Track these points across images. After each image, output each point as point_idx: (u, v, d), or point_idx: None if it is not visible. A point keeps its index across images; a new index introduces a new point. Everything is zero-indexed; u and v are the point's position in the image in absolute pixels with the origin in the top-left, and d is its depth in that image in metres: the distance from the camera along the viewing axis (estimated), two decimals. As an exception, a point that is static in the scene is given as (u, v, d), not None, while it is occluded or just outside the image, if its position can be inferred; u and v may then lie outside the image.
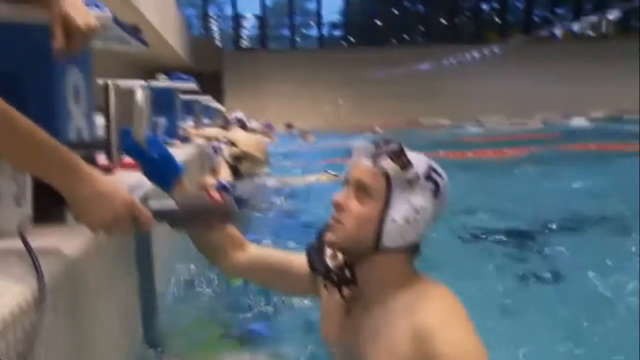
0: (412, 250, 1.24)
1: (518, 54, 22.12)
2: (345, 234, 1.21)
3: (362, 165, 1.22)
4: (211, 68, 19.86)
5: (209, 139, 4.82)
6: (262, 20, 25.10)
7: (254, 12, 25.23)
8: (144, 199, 1.07)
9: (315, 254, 1.30)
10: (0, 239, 1.02)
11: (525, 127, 15.98)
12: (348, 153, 1.28)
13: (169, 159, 1.39)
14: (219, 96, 18.62)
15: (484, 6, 28.71)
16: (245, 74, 21.08)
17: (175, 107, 4.02)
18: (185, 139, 4.26)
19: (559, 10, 28.04)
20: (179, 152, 3.56)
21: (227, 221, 1.22)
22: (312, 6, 26.67)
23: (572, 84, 22.25)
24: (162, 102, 3.69)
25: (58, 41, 1.11)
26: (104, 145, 1.38)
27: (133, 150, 1.34)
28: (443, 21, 27.83)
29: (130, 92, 1.26)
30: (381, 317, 1.21)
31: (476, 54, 16.26)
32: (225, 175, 4.12)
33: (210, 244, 1.41)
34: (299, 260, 1.40)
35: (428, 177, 1.21)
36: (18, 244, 0.97)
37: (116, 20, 1.40)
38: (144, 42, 1.65)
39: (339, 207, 1.22)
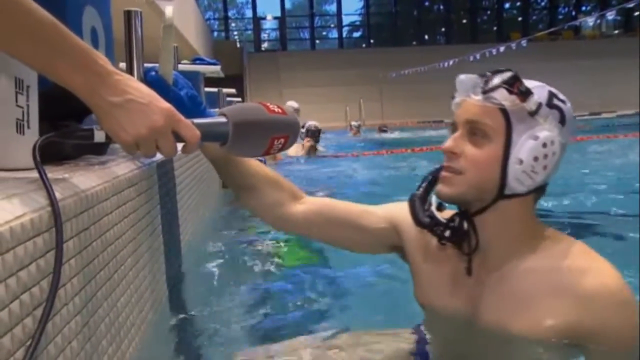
0: (540, 191, 1.07)
1: (542, 51, 21.77)
2: (464, 184, 1.03)
3: (472, 103, 1.03)
4: (232, 71, 19.85)
5: None
6: (281, 21, 25.09)
7: (274, 14, 25.25)
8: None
9: (420, 205, 1.11)
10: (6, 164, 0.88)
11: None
12: (452, 93, 1.09)
13: (196, 100, 1.24)
14: (241, 98, 18.62)
15: (506, 5, 28.33)
16: (266, 76, 21.05)
17: (200, 91, 3.88)
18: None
19: (583, 8, 27.53)
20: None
21: (290, 137, 0.96)
22: (331, 8, 26.62)
23: (599, 82, 21.80)
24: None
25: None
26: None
27: (158, 87, 1.19)
28: (464, 21, 27.53)
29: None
30: (520, 281, 1.04)
31: (498, 51, 15.96)
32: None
33: (261, 197, 1.23)
34: (371, 211, 1.24)
35: (550, 104, 1.03)
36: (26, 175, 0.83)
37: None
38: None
39: (452, 154, 1.04)
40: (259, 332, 1.45)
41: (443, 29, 27.32)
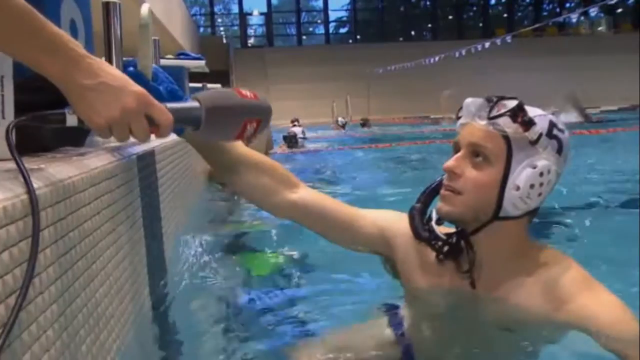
0: (533, 214, 1.12)
1: (527, 47, 21.93)
2: (463, 204, 1.08)
3: (476, 127, 1.08)
4: (218, 67, 19.74)
5: None
6: (268, 17, 25.01)
7: (260, 9, 25.17)
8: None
9: (419, 218, 1.17)
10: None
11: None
12: (456, 113, 1.12)
13: (176, 94, 1.24)
14: (226, 93, 18.57)
15: (492, 1, 28.49)
16: (252, 72, 20.99)
17: (184, 85, 3.87)
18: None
19: (568, 4, 27.75)
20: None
21: (263, 121, 0.98)
22: (318, 3, 26.59)
23: (583, 78, 22.01)
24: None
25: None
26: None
27: (136, 81, 1.19)
28: (450, 17, 27.64)
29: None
30: (511, 295, 1.11)
31: (484, 47, 16.04)
32: None
33: (252, 181, 1.24)
34: (365, 215, 1.28)
35: (551, 134, 1.08)
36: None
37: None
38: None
39: (453, 174, 1.09)
40: (238, 323, 1.45)
41: (429, 25, 27.41)
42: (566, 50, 22.65)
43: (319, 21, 26.71)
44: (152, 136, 0.94)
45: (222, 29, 26.15)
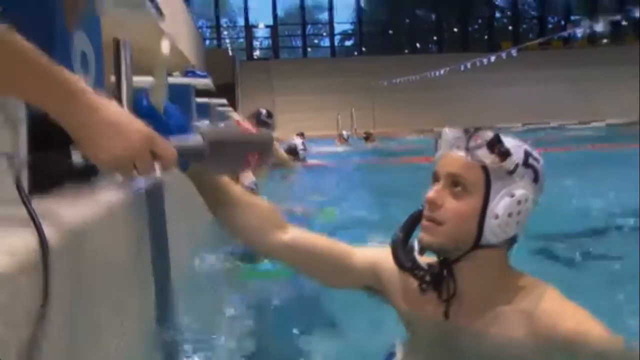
0: (512, 242, 1.16)
1: (532, 60, 21.95)
2: (444, 234, 1.11)
3: (455, 158, 1.12)
4: (224, 79, 19.86)
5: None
6: (273, 30, 25.16)
7: (266, 22, 25.32)
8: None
9: (401, 248, 1.19)
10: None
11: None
12: (434, 144, 1.15)
13: (185, 130, 1.25)
14: (232, 106, 18.61)
15: (497, 14, 28.57)
16: (258, 84, 21.08)
17: (191, 106, 3.90)
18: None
19: (573, 17, 27.79)
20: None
21: (264, 155, 1.02)
22: (324, 16, 26.73)
23: (588, 90, 21.99)
24: (177, 100, 3.57)
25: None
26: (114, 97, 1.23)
27: (148, 116, 1.20)
28: (456, 30, 27.73)
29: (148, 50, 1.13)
30: (493, 323, 1.13)
31: (490, 58, 16.07)
32: (245, 177, 3.97)
33: (245, 221, 1.25)
34: (353, 252, 1.31)
35: (527, 164, 1.12)
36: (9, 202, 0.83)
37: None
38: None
39: (433, 205, 1.12)
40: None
41: (435, 37, 27.50)
42: (571, 63, 22.66)
43: (324, 34, 26.86)
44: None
45: (228, 41, 26.32)
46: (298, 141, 7.50)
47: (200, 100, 5.23)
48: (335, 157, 9.32)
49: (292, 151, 6.88)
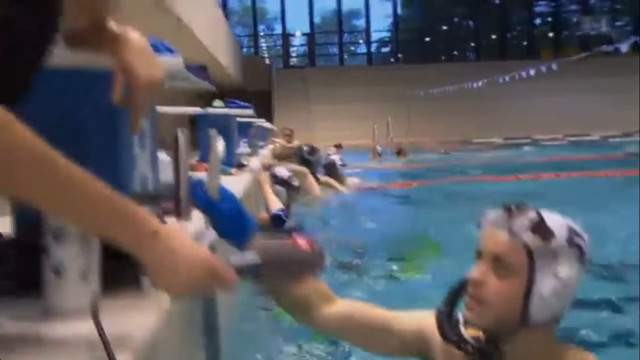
0: (559, 319, 1.16)
1: (574, 68, 21.46)
2: (488, 314, 1.12)
3: (498, 238, 1.12)
4: (261, 86, 20.08)
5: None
6: (310, 38, 25.28)
7: (303, 29, 25.46)
8: (224, 257, 0.95)
9: (447, 321, 1.20)
10: (63, 319, 0.92)
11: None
12: (478, 222, 1.15)
13: (242, 214, 1.28)
14: (268, 114, 18.78)
15: (537, 21, 28.05)
16: (294, 92, 21.19)
17: (232, 134, 3.97)
18: (240, 165, 4.19)
19: (617, 23, 27.09)
20: (237, 182, 3.50)
21: (318, 270, 1.08)
22: (360, 22, 26.74)
23: (632, 100, 21.35)
24: (219, 129, 3.63)
25: (117, 94, 1.03)
26: (173, 196, 1.27)
27: (205, 203, 1.24)
28: (494, 36, 27.35)
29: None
30: None
31: (529, 71, 15.78)
32: (274, 204, 3.98)
33: (295, 299, 1.30)
34: (400, 318, 1.32)
35: (571, 243, 1.11)
36: (84, 325, 0.86)
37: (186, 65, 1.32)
38: (212, 82, 1.57)
39: (477, 285, 1.13)
40: None
41: (472, 44, 27.18)
42: (614, 71, 22.03)
43: (361, 41, 26.88)
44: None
45: (265, 48, 26.59)
46: (336, 157, 7.27)
47: (241, 120, 5.29)
48: (371, 175, 9.18)
49: (331, 168, 6.66)
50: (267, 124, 8.84)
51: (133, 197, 1.31)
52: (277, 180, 4.02)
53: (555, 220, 1.12)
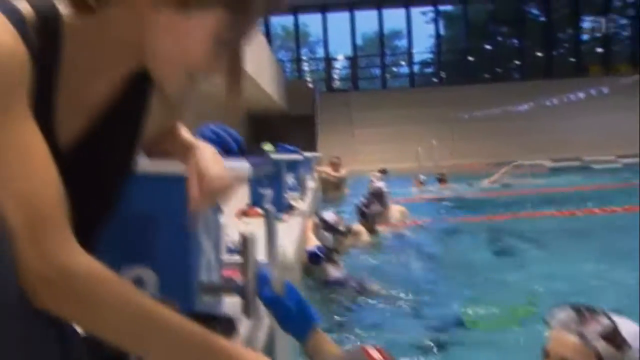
0: None
1: (624, 85, 20.83)
2: None
3: (568, 341, 1.13)
4: (304, 111, 20.29)
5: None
6: (353, 61, 25.45)
7: (346, 52, 25.64)
8: None
9: None
10: None
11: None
12: (545, 321, 1.15)
13: (305, 308, 1.33)
14: (311, 139, 18.92)
15: (585, 36, 27.41)
16: (337, 116, 21.32)
17: (282, 179, 4.05)
18: (289, 207, 4.25)
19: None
20: (290, 229, 3.56)
21: None
22: (402, 43, 26.77)
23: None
24: (270, 174, 3.71)
25: (193, 201, 1.11)
26: (239, 290, 1.33)
27: (271, 300, 1.29)
28: (539, 54, 26.88)
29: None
30: None
31: (577, 94, 15.41)
32: (311, 242, 3.96)
33: None
34: None
35: None
36: None
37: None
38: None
39: None
40: None
41: (517, 62, 26.78)
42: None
43: (403, 63, 26.87)
44: None
45: (307, 72, 26.89)
46: (381, 184, 6.83)
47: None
48: (417, 207, 8.76)
49: (378, 197, 6.01)
50: (313, 154, 8.88)
51: (203, 289, 1.38)
52: (325, 225, 4.03)
53: (629, 328, 1.10)
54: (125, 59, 0.92)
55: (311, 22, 25.08)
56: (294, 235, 3.44)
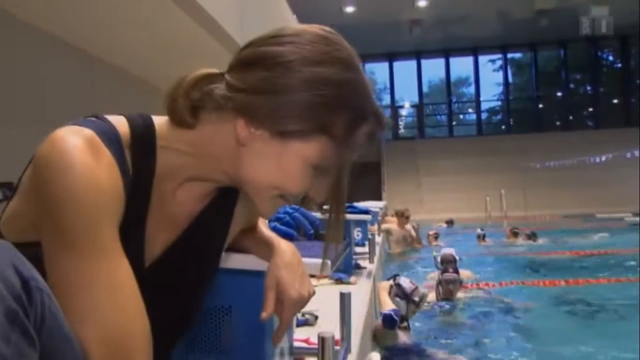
0: None
1: None
2: None
3: None
4: (371, 158, 20.28)
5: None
6: (419, 109, 25.38)
7: (412, 99, 25.62)
8: None
9: None
10: None
11: None
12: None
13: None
14: (378, 186, 18.84)
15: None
16: (404, 164, 21.18)
17: (351, 239, 3.99)
18: (358, 267, 4.17)
19: None
20: (360, 293, 3.48)
21: None
22: (469, 90, 26.48)
23: None
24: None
25: (268, 310, 1.07)
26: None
27: None
28: (616, 101, 25.85)
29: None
30: None
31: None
32: (386, 305, 3.88)
33: None
34: None
35: None
36: None
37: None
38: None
39: None
40: None
41: (591, 110, 25.83)
42: None
43: (470, 110, 26.53)
44: None
45: (374, 119, 26.89)
46: (451, 250, 6.08)
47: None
48: (481, 265, 8.28)
49: (450, 262, 5.59)
50: (378, 206, 8.77)
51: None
52: (399, 291, 3.93)
53: None
54: (217, 175, 0.91)
55: (378, 70, 25.31)
56: (365, 300, 3.35)
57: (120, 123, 0.85)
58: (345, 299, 1.40)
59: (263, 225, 1.25)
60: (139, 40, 5.65)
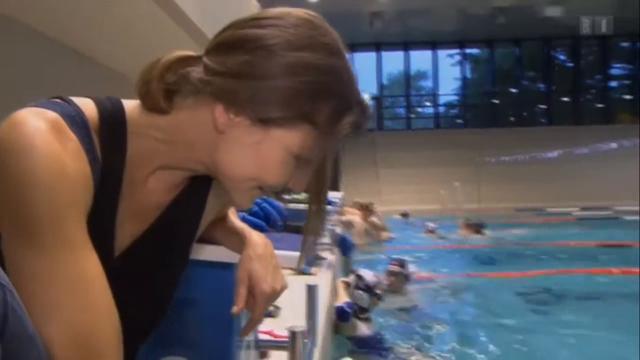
0: None
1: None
2: None
3: None
4: (328, 149, 20.31)
5: None
6: (378, 101, 25.56)
7: (371, 90, 25.77)
8: None
9: None
10: None
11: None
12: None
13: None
14: (335, 177, 18.89)
15: (613, 83, 27.20)
16: (362, 156, 21.27)
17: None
18: (318, 259, 4.15)
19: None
20: (321, 285, 3.46)
21: None
22: (427, 83, 26.82)
23: None
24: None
25: (240, 304, 1.04)
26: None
27: None
28: (566, 99, 26.69)
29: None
30: None
31: (610, 144, 15.19)
32: (341, 298, 3.88)
33: None
34: None
35: None
36: None
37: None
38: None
39: None
40: None
41: (544, 107, 26.59)
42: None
43: (428, 104, 26.89)
44: None
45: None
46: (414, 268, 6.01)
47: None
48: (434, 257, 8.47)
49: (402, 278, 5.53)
50: (336, 197, 8.75)
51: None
52: (362, 284, 3.91)
53: None
54: (191, 164, 0.86)
55: (338, 61, 25.34)
56: (326, 291, 3.34)
57: (87, 106, 0.80)
58: (312, 292, 1.37)
59: (233, 216, 1.20)
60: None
